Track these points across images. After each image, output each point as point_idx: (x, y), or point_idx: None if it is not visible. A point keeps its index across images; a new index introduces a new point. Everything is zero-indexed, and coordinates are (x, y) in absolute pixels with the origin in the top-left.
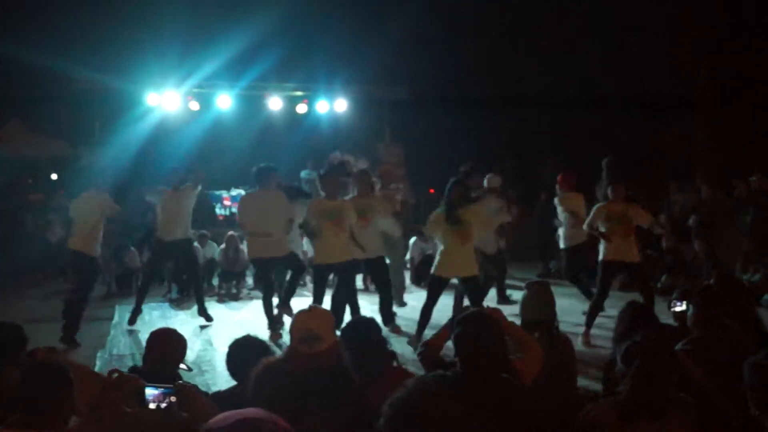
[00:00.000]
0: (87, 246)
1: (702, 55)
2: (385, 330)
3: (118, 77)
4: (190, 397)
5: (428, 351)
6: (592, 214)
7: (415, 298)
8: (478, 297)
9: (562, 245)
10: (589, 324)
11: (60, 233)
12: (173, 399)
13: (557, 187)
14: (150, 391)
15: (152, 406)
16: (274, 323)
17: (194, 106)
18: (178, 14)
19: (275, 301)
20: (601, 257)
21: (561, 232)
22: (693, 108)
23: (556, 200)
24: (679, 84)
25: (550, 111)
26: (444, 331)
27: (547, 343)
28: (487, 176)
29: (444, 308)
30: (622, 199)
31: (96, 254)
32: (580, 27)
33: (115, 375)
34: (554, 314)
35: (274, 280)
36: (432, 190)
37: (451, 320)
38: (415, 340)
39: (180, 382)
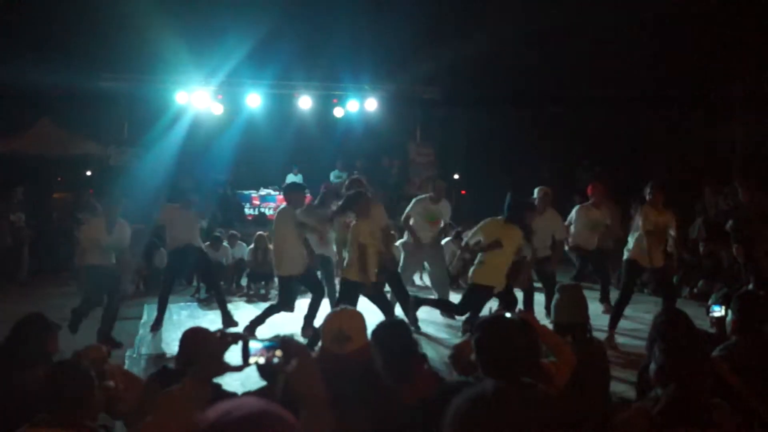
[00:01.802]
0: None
1: (742, 53)
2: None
3: (145, 76)
4: (296, 353)
5: (458, 354)
6: (640, 214)
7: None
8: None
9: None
10: (612, 326)
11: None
12: (278, 353)
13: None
14: (254, 345)
15: (253, 360)
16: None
17: (217, 109)
18: (207, 14)
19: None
20: (626, 257)
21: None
22: (732, 108)
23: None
24: (717, 82)
25: (584, 111)
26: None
27: (580, 347)
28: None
29: None
30: (662, 205)
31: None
32: (616, 25)
33: (219, 334)
34: (587, 318)
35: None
36: (464, 192)
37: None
38: None
39: (284, 335)
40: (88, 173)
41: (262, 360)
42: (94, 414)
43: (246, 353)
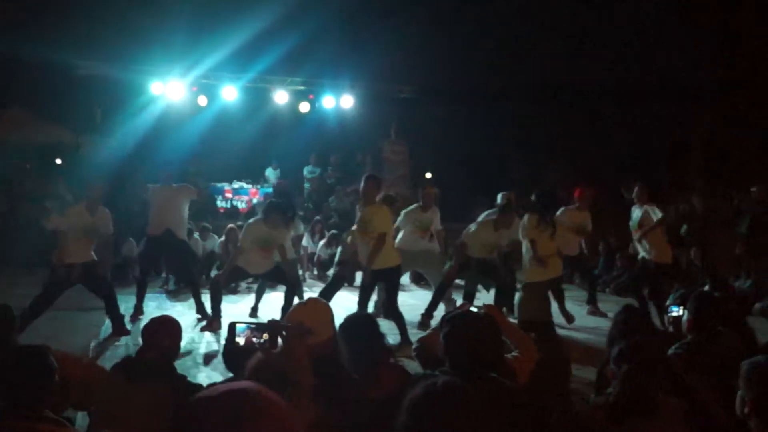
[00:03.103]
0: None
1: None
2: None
3: (121, 65)
4: (285, 336)
5: (422, 348)
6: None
7: (415, 297)
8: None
9: None
10: None
11: (57, 222)
12: (264, 336)
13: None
14: (241, 327)
15: (241, 341)
16: None
17: (202, 101)
18: (184, 3)
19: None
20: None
21: None
22: (693, 107)
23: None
24: (680, 84)
25: (554, 108)
26: (438, 330)
27: (543, 344)
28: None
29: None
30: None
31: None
32: (586, 20)
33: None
34: (550, 315)
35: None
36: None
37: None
38: None
39: (274, 319)
40: (58, 161)
41: (242, 341)
42: (57, 406)
43: (232, 334)
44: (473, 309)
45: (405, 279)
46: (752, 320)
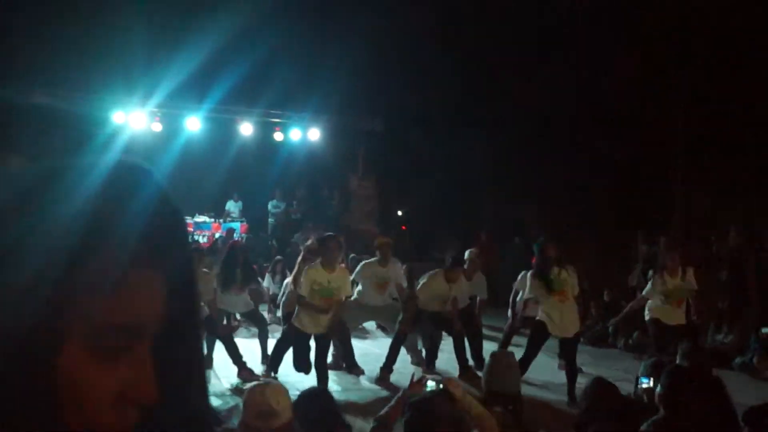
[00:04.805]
0: None
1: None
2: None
3: (82, 95)
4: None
5: (379, 426)
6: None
7: (381, 346)
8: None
9: None
10: None
11: None
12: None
13: None
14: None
15: None
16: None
17: (156, 127)
18: (145, 32)
19: None
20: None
21: None
22: (670, 155)
23: None
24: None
25: (525, 147)
26: (397, 406)
27: (509, 418)
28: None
29: None
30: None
31: None
32: (552, 63)
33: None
34: (518, 388)
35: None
36: (404, 227)
37: (403, 395)
38: None
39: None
40: None
41: None
42: None
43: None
44: (431, 382)
45: (372, 325)
46: (732, 375)
